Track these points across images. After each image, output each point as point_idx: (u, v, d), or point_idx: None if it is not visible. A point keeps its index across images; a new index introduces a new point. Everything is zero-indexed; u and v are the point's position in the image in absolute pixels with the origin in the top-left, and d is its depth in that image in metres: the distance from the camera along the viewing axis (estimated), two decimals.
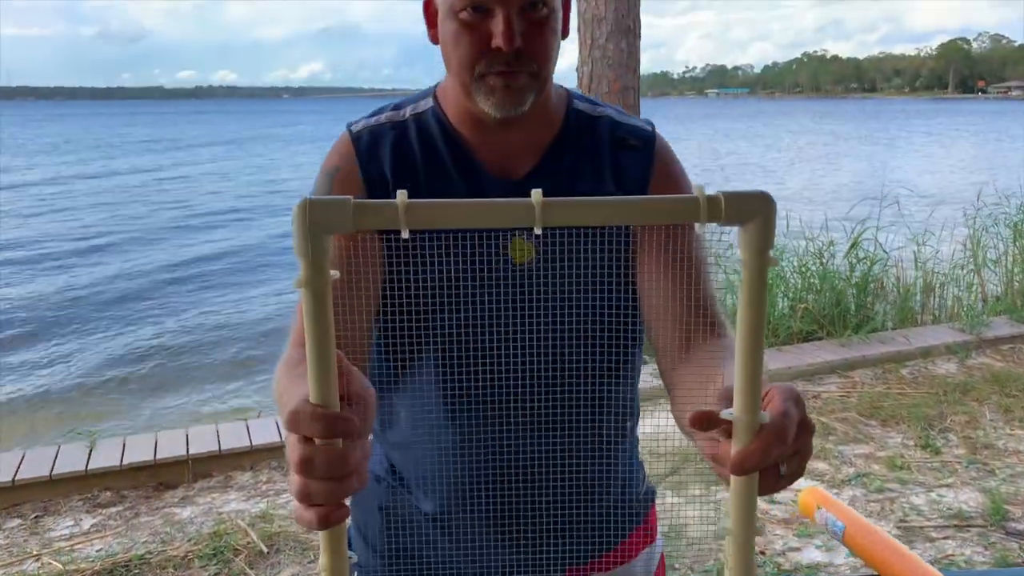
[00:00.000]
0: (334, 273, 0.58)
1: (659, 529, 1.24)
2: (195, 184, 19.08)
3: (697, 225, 0.59)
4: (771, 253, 0.60)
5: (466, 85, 0.93)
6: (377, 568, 1.15)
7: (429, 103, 1.02)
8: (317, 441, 0.59)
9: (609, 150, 1.00)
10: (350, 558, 0.66)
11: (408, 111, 1.01)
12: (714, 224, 0.60)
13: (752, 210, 0.59)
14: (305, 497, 0.60)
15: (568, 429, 1.01)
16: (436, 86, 1.04)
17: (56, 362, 6.15)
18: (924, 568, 1.05)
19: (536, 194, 0.57)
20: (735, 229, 0.61)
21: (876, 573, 1.12)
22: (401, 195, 0.57)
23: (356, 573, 1.18)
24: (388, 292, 0.96)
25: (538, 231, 0.58)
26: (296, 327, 0.94)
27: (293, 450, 0.59)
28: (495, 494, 1.03)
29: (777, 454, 0.61)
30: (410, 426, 1.04)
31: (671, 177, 1.01)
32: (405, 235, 0.58)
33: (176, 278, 9.11)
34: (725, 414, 0.63)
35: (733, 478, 0.64)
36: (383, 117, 1.01)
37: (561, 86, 1.05)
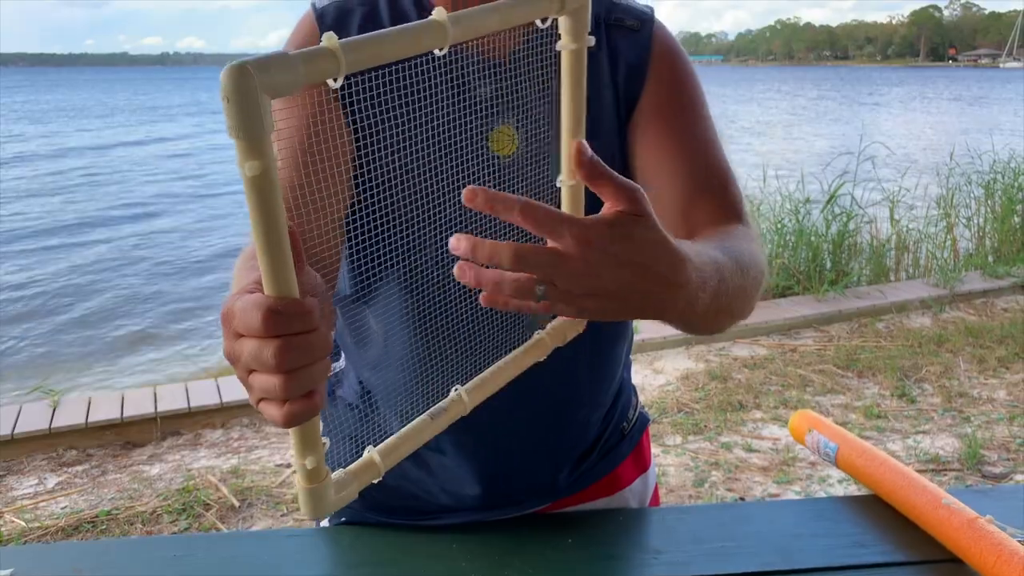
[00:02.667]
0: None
1: (653, 457, 1.18)
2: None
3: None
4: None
5: None
6: (353, 505, 1.08)
7: None
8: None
9: (604, 30, 0.92)
10: (324, 443, 0.60)
11: None
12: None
13: None
14: (285, 392, 0.51)
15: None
16: None
17: (18, 319, 5.99)
18: (922, 483, 1.01)
19: (440, 11, 0.58)
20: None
21: (873, 492, 1.08)
22: (329, 37, 0.50)
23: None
24: (354, 191, 0.88)
25: (441, 52, 0.58)
26: None
27: (263, 348, 0.50)
28: (472, 415, 0.96)
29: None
30: (382, 341, 0.97)
31: (674, 67, 0.93)
32: (336, 85, 0.51)
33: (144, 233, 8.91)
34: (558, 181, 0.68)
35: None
36: None
37: None
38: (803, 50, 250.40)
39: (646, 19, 0.94)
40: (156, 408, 3.50)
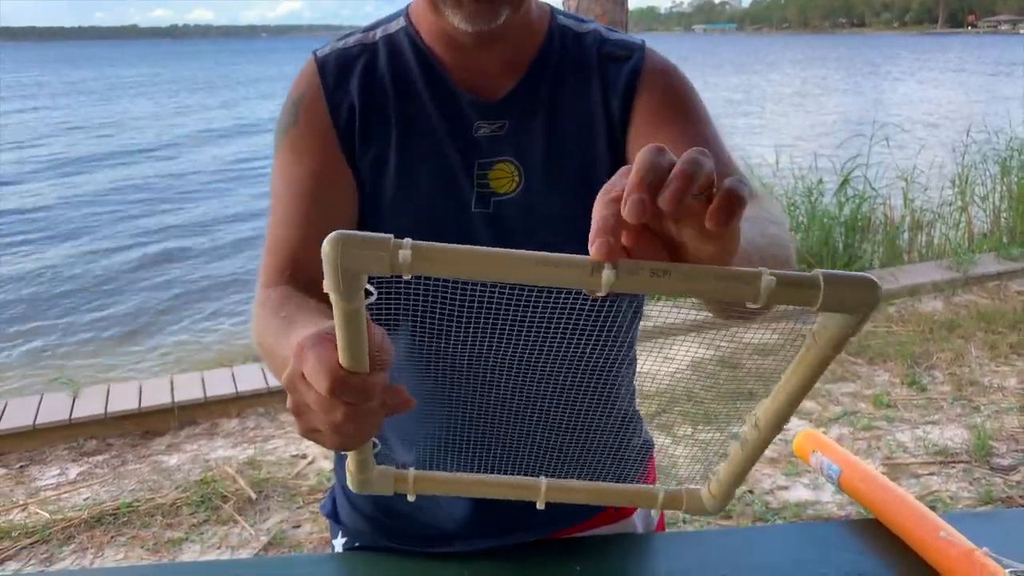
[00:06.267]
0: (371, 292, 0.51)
1: (658, 480, 1.21)
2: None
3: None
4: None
5: None
6: (365, 530, 1.12)
7: (401, 23, 0.95)
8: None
9: (597, 65, 0.92)
10: (374, 446, 0.66)
11: (379, 32, 0.95)
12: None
13: (855, 301, 0.49)
14: (339, 444, 0.59)
15: (560, 376, 0.97)
16: (409, 5, 0.97)
17: (38, 309, 6.07)
18: (922, 511, 1.03)
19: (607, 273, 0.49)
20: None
21: (873, 517, 1.10)
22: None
23: (341, 533, 1.16)
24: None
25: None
26: (270, 263, 0.89)
27: (330, 408, 0.55)
28: (478, 447, 0.99)
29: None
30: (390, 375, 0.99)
31: (667, 80, 0.92)
32: (407, 277, 0.49)
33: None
34: None
35: None
36: (351, 40, 0.94)
37: (543, 2, 0.97)
38: (818, 17, 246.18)
39: (636, 48, 0.94)
40: (173, 398, 3.56)
